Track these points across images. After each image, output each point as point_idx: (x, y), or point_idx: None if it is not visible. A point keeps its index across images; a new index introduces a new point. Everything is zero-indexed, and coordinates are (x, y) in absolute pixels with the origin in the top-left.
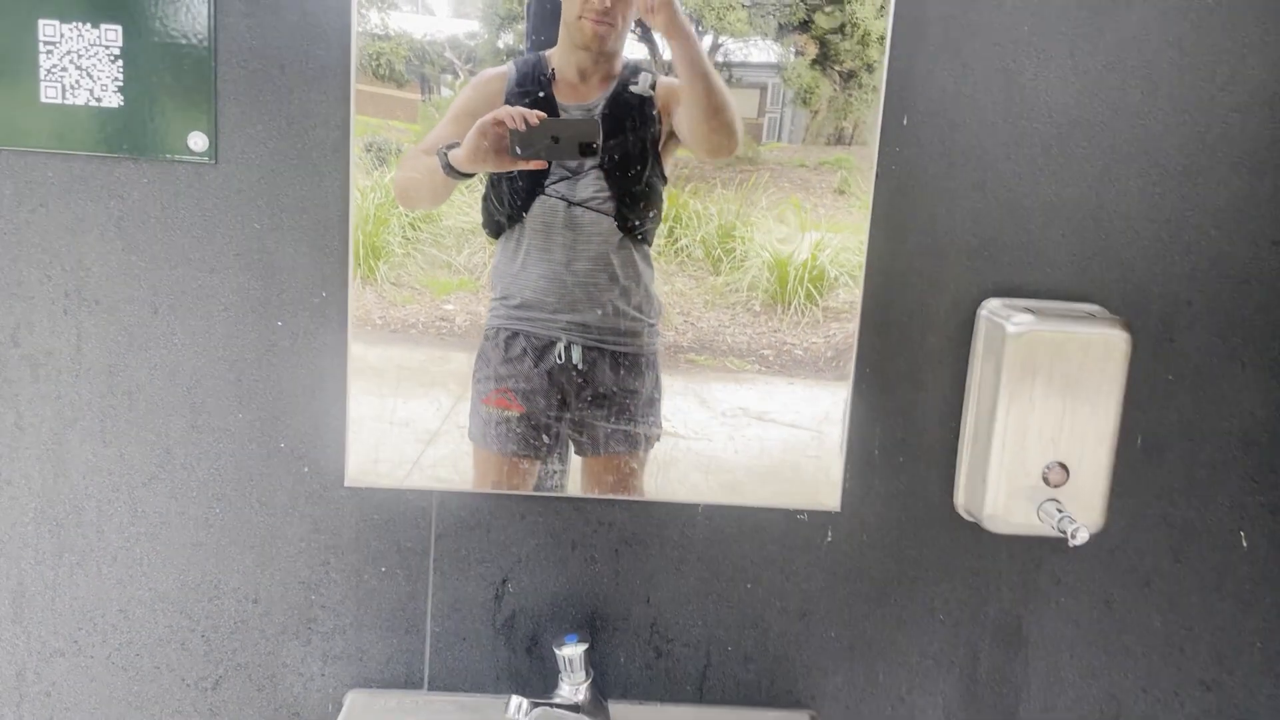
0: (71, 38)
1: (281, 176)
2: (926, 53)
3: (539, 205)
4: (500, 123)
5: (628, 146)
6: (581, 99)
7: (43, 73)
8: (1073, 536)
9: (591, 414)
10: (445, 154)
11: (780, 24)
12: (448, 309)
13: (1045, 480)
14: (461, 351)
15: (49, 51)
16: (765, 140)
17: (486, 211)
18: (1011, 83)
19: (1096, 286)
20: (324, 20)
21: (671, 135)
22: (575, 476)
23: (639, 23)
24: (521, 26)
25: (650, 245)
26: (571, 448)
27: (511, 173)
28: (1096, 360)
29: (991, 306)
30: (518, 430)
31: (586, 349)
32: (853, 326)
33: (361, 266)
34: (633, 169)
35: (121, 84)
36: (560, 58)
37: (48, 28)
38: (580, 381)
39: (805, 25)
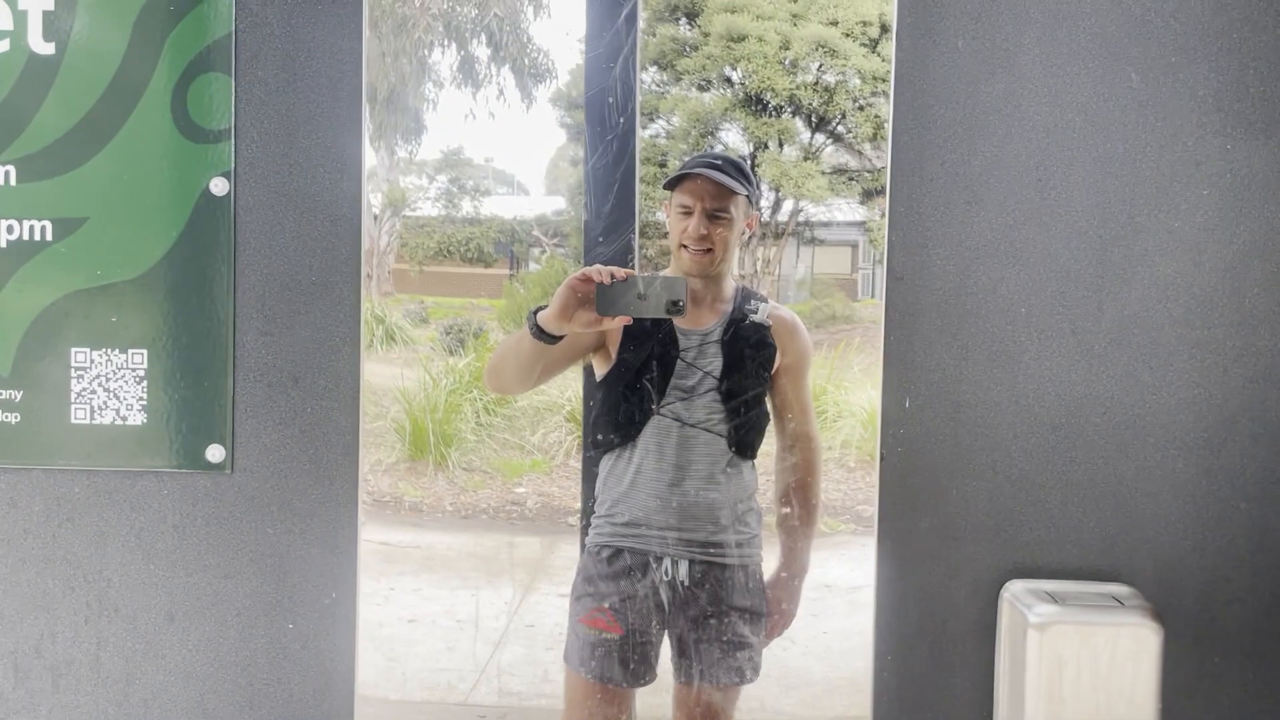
0: (100, 363)
1: (294, 482)
2: (924, 336)
3: (652, 426)
4: (588, 279)
5: (745, 372)
6: (695, 324)
7: (73, 395)
8: None
9: (698, 633)
10: (534, 316)
11: (864, 189)
12: (519, 491)
13: None
14: (532, 536)
15: (79, 376)
16: (860, 297)
17: (596, 431)
18: (1015, 362)
19: (1125, 564)
20: (335, 334)
21: (782, 367)
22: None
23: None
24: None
25: (755, 458)
26: (673, 672)
27: (627, 395)
28: (1128, 652)
29: (1014, 590)
30: (617, 654)
31: (693, 564)
32: (868, 619)
33: (433, 454)
34: (748, 393)
35: (145, 403)
36: None
37: (79, 354)
38: (685, 598)
39: (884, 190)
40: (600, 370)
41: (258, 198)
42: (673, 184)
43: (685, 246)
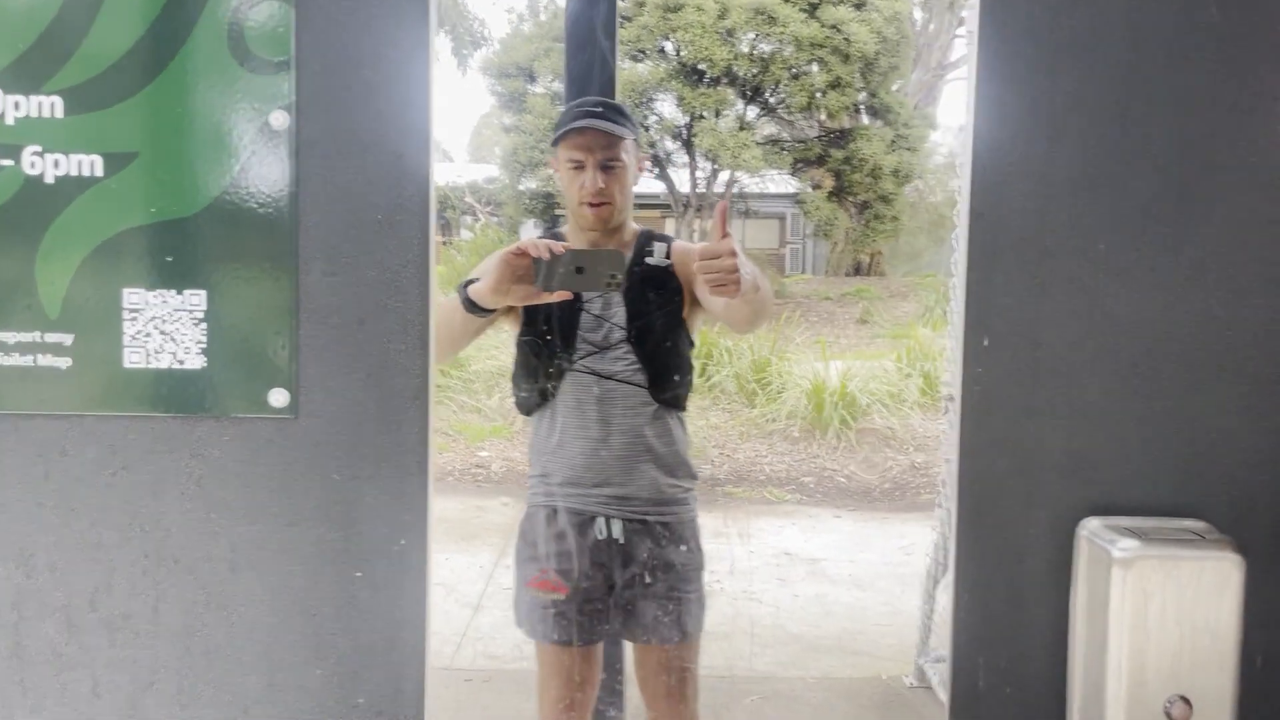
0: (156, 304)
1: (362, 427)
2: (1003, 275)
3: (569, 381)
4: (524, 254)
5: (651, 318)
6: None
7: (127, 339)
8: None
9: (636, 590)
10: (464, 289)
11: (796, 159)
12: (482, 455)
13: (1168, 716)
14: (496, 499)
15: (134, 318)
16: (789, 272)
17: (516, 390)
18: (1093, 300)
19: (1200, 501)
20: (402, 275)
21: (696, 302)
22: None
23: (654, 160)
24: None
25: (684, 410)
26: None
27: (539, 350)
28: (1212, 584)
29: (1091, 527)
30: (568, 614)
31: (627, 521)
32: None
33: None
34: (661, 340)
35: (204, 345)
36: (574, 239)
37: (132, 296)
38: (621, 556)
39: (821, 159)
40: (512, 330)
41: (320, 132)
42: (558, 139)
43: (583, 204)
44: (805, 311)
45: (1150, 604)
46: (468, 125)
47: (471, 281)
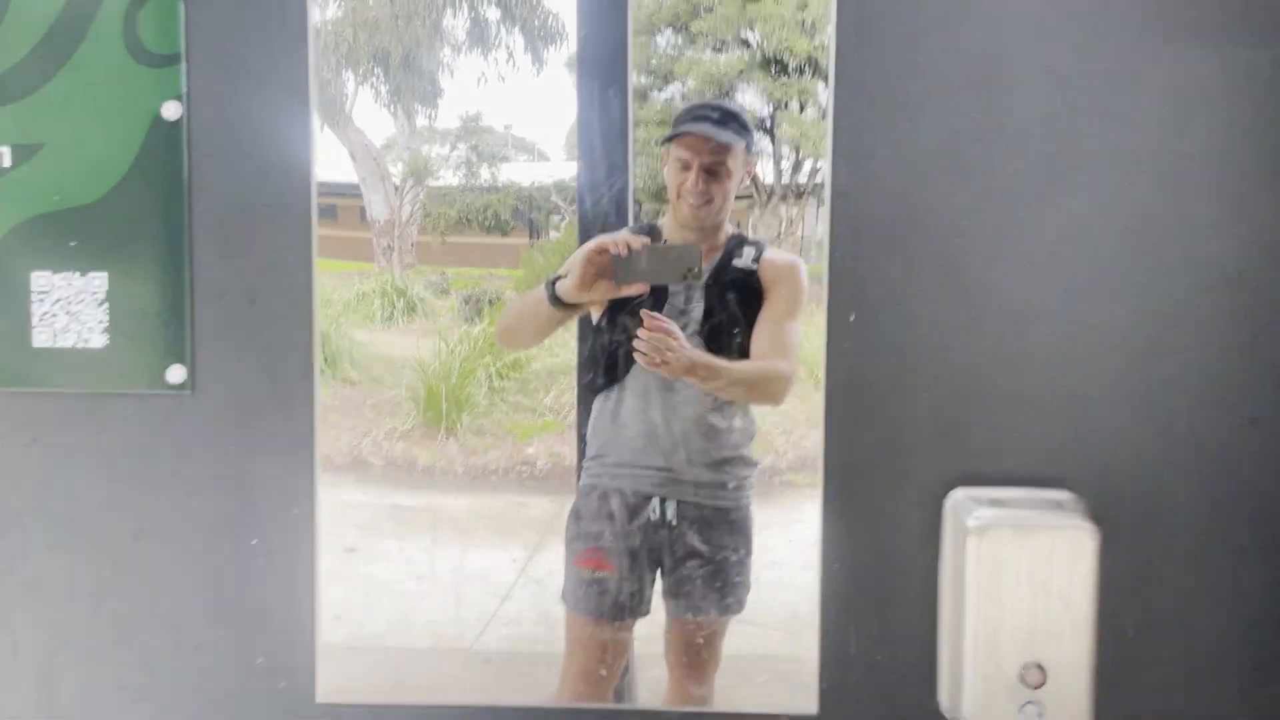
0: (62, 286)
1: (254, 401)
2: (868, 252)
3: (639, 367)
4: (604, 250)
5: (726, 317)
6: None
7: (35, 319)
8: None
9: (685, 571)
10: (552, 285)
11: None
12: (529, 452)
13: (1023, 682)
14: (542, 496)
15: (41, 300)
16: None
17: (584, 372)
18: (960, 275)
19: (1070, 472)
20: (289, 257)
21: (765, 310)
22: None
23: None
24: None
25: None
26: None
27: (616, 337)
28: (1066, 553)
29: (958, 498)
30: (612, 592)
31: (681, 504)
32: (815, 529)
33: (445, 419)
34: (731, 337)
35: (106, 325)
36: (669, 231)
37: (39, 279)
38: (673, 538)
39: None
40: (595, 316)
41: (210, 122)
42: (670, 138)
43: (682, 199)
44: None
45: (1004, 572)
46: (560, 123)
47: (559, 278)
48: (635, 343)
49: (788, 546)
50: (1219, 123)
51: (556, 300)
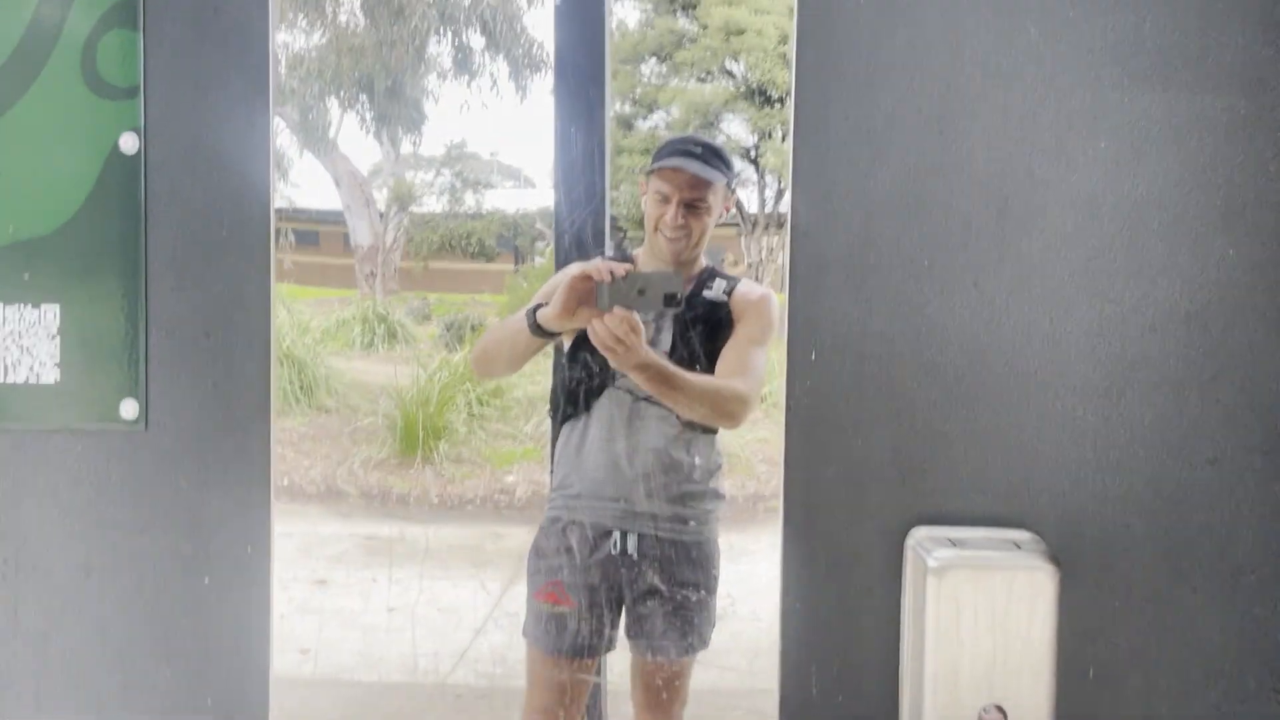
0: (13, 319)
1: (208, 437)
2: (828, 290)
3: (606, 398)
4: (588, 277)
5: (695, 346)
6: None
7: None
8: None
9: (647, 607)
10: (533, 313)
11: None
12: (508, 480)
13: None
14: (518, 526)
15: None
16: None
17: (553, 400)
18: (918, 314)
19: (1029, 512)
20: (245, 290)
21: (733, 338)
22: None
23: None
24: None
25: (715, 433)
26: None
27: (585, 366)
28: (1024, 594)
29: (918, 537)
30: (571, 627)
31: (642, 537)
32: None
33: (421, 448)
34: (698, 364)
35: (58, 360)
36: (644, 260)
37: None
38: (634, 572)
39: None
40: (567, 344)
41: (168, 155)
42: (651, 170)
43: (660, 233)
44: None
45: (963, 612)
46: (549, 150)
47: (539, 306)
48: (594, 324)
49: (770, 573)
50: (1172, 166)
51: (537, 328)
